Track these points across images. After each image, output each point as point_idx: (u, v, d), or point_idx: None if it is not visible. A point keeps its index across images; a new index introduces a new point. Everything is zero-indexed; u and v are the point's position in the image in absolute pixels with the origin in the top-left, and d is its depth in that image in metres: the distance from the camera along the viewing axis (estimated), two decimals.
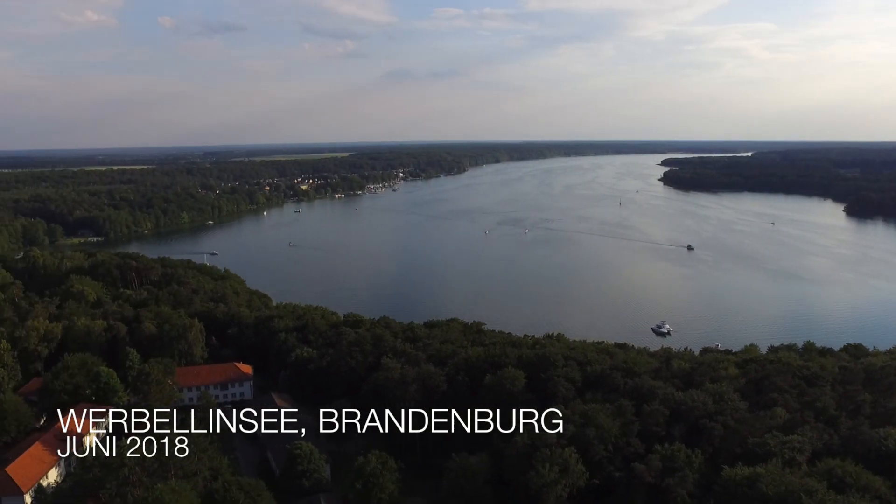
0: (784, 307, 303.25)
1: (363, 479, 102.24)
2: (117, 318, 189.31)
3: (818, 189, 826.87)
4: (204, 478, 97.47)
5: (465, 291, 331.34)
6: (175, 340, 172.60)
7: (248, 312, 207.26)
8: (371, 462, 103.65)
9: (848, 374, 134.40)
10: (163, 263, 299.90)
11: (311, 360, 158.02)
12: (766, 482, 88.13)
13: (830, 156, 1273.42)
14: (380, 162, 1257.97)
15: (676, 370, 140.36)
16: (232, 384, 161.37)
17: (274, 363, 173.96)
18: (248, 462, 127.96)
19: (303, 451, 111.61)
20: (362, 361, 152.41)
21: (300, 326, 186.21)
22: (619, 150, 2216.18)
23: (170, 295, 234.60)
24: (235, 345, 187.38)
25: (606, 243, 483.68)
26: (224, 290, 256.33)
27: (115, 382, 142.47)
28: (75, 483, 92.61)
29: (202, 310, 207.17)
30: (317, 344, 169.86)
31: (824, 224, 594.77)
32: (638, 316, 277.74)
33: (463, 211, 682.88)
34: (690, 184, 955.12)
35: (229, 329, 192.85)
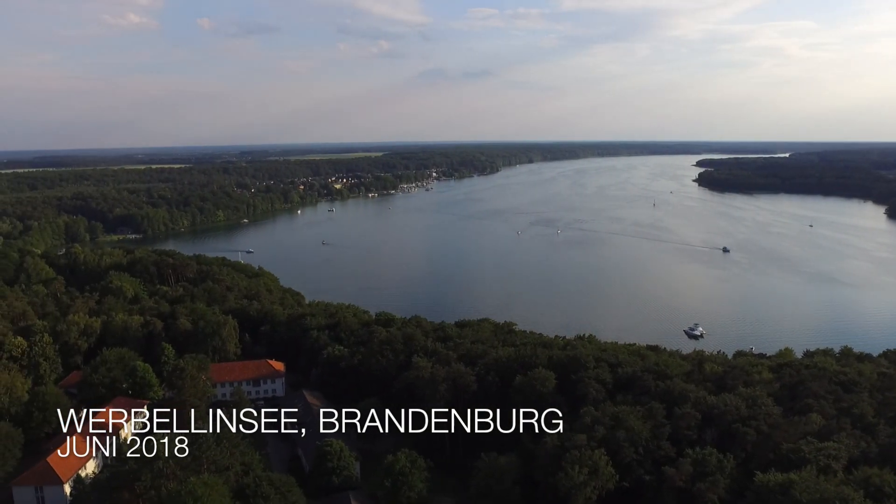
0: (821, 311, 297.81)
1: (392, 477, 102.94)
2: (154, 313, 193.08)
3: (858, 190, 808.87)
4: (236, 472, 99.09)
5: (497, 292, 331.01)
6: (209, 337, 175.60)
7: (281, 310, 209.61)
8: (400, 460, 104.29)
9: (887, 381, 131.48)
10: (198, 261, 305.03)
11: (342, 358, 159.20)
12: (800, 489, 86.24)
13: (871, 156, 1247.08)
14: (413, 162, 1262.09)
15: (709, 373, 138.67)
16: (264, 381, 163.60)
17: (306, 361, 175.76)
18: (280, 458, 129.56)
19: (333, 448, 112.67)
20: (393, 360, 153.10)
21: (332, 324, 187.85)
22: (653, 151, 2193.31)
23: (204, 292, 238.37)
24: (268, 342, 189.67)
25: (640, 244, 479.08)
26: (258, 287, 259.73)
27: (151, 377, 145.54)
28: (112, 475, 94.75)
29: (236, 307, 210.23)
30: (348, 342, 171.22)
31: (864, 226, 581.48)
32: (670, 318, 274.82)
33: (495, 211, 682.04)
34: (725, 185, 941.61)
35: (262, 326, 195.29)
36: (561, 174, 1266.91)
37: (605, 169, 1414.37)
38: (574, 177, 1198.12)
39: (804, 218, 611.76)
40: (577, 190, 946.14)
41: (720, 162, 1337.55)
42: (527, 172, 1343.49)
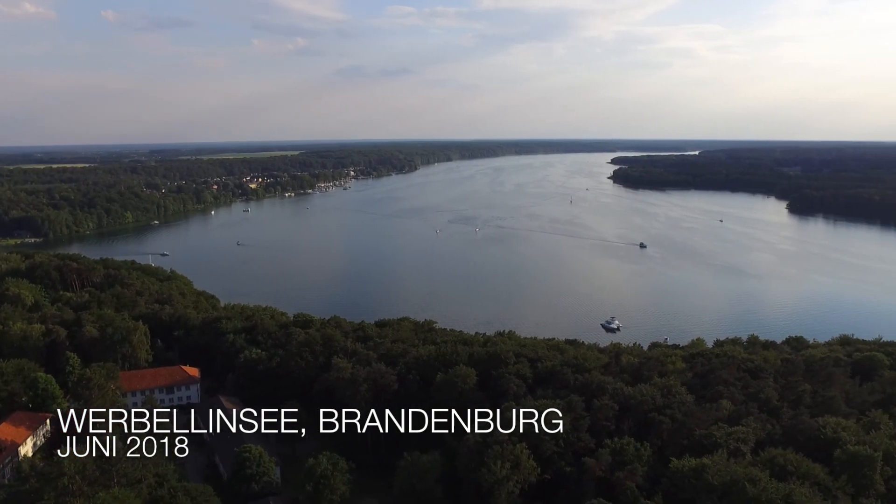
0: (730, 302, 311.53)
1: (314, 480, 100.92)
2: (56, 321, 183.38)
3: (762, 187, 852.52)
4: (149, 485, 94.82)
5: (417, 290, 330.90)
6: (118, 344, 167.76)
7: (195, 314, 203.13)
8: (322, 463, 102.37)
9: (789, 366, 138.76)
10: (105, 265, 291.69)
11: (260, 361, 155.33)
12: (712, 473, 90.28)
13: (774, 154, 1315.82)
14: (330, 160, 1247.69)
15: (626, 365, 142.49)
16: (178, 387, 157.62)
17: (222, 365, 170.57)
18: (196, 467, 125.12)
19: (251, 454, 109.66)
20: (312, 362, 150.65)
21: (249, 327, 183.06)
22: (569, 149, 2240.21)
23: (113, 297, 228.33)
24: (182, 347, 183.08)
25: (558, 241, 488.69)
26: (170, 291, 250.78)
27: (54, 389, 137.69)
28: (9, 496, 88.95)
29: (147, 312, 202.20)
30: (266, 345, 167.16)
31: (768, 221, 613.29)
32: (588, 312, 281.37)
33: (414, 209, 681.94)
34: (639, 182, 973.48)
35: (175, 331, 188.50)
36: (479, 172, 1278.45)
37: (522, 166, 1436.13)
38: (492, 174, 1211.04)
39: (714, 213, 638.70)
40: (496, 188, 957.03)
41: (634, 159, 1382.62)
42: (445, 170, 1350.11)
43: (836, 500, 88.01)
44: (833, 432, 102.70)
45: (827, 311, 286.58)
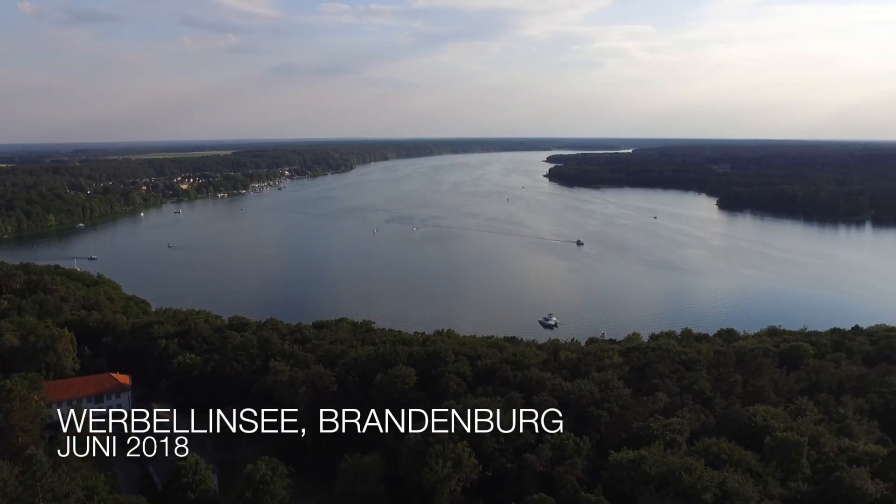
0: (664, 296, 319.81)
1: (253, 486, 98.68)
2: None
3: (693, 184, 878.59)
4: (77, 499, 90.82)
5: (355, 290, 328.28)
6: (41, 352, 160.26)
7: (125, 319, 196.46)
8: (261, 469, 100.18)
9: (721, 358, 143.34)
10: (26, 270, 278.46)
11: (194, 366, 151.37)
12: (650, 463, 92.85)
13: (704, 152, 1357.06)
14: (264, 160, 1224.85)
15: (564, 361, 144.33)
16: (108, 396, 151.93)
17: (154, 372, 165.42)
18: (128, 478, 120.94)
19: (187, 462, 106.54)
20: (249, 366, 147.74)
21: (182, 332, 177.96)
22: (506, 147, 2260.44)
23: (35, 304, 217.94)
24: (111, 354, 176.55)
25: (495, 239, 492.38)
26: (97, 296, 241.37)
27: None
28: None
29: (73, 318, 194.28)
30: (200, 349, 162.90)
31: (700, 217, 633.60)
32: (526, 310, 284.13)
33: (351, 209, 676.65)
34: (575, 180, 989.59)
35: (104, 338, 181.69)
36: (416, 171, 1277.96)
37: (459, 165, 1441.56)
38: (429, 173, 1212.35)
39: (648, 210, 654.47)
40: (433, 186, 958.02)
41: (569, 158, 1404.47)
42: (382, 170, 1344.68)
43: (766, 485, 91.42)
44: (763, 420, 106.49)
45: (755, 304, 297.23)
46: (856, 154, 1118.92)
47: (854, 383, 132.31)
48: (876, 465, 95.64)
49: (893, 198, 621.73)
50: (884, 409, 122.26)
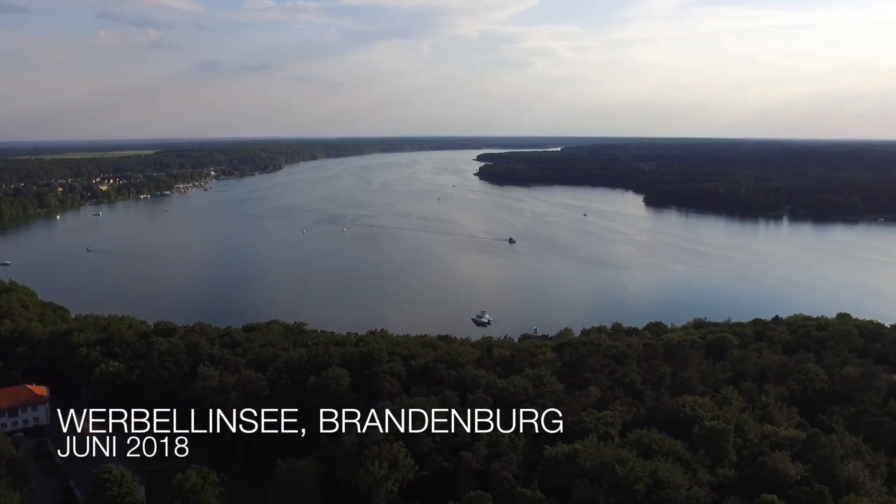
0: (595, 292, 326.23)
1: (183, 496, 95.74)
2: None
3: (621, 181, 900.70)
4: None
5: (285, 292, 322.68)
6: None
7: (41, 327, 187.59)
8: (191, 478, 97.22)
9: (651, 351, 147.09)
10: None
11: (118, 374, 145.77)
12: (584, 457, 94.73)
13: (630, 150, 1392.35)
14: (189, 160, 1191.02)
15: (498, 358, 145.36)
16: (23, 409, 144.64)
17: (74, 382, 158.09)
18: (48, 494, 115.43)
19: (112, 474, 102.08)
20: (176, 372, 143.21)
21: (104, 339, 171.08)
22: (436, 146, 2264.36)
23: None
24: (27, 365, 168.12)
25: (427, 238, 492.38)
26: (10, 304, 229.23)
27: None
28: None
29: None
30: (124, 357, 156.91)
31: (627, 214, 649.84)
32: (460, 308, 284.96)
33: (280, 209, 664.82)
34: (505, 178, 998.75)
35: (18, 348, 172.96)
36: (346, 170, 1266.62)
37: (389, 164, 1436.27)
38: (359, 173, 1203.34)
39: (577, 208, 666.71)
40: (363, 186, 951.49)
41: (499, 156, 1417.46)
42: (311, 169, 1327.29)
43: (695, 473, 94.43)
44: (691, 410, 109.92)
45: (682, 297, 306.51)
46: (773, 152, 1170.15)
47: (775, 371, 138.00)
48: (796, 448, 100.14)
49: (808, 194, 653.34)
50: (802, 395, 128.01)
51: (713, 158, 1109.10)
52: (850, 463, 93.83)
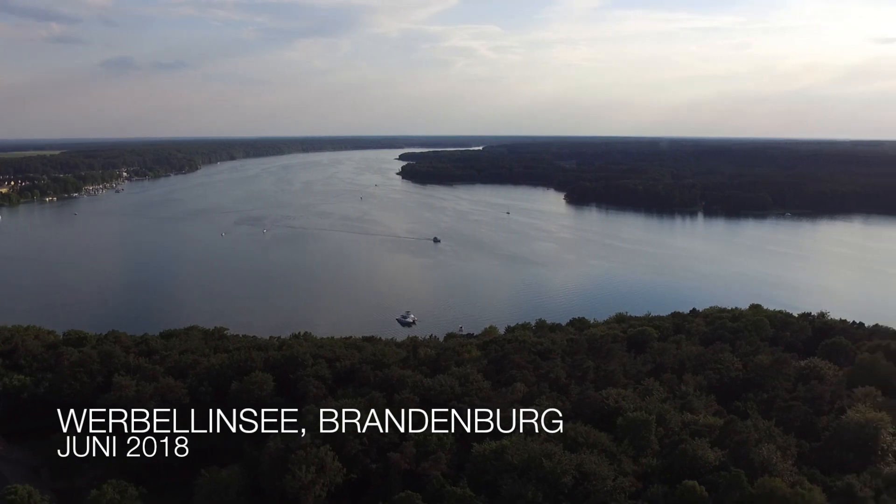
0: (518, 289, 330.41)
1: None
2: None
3: (542, 179, 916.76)
4: None
5: (205, 297, 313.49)
6: None
7: None
8: (107, 493, 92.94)
9: (574, 346, 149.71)
10: None
11: (23, 388, 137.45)
12: (511, 452, 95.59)
13: (551, 149, 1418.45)
14: (99, 160, 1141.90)
15: (423, 358, 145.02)
16: None
17: None
18: None
19: (18, 495, 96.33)
20: (89, 383, 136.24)
21: (7, 351, 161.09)
22: (358, 146, 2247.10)
23: None
24: None
25: (349, 238, 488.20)
26: None
27: None
28: None
29: None
30: (31, 369, 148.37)
31: (549, 211, 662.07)
32: (384, 308, 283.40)
33: (197, 211, 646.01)
34: (427, 177, 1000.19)
35: None
36: (266, 170, 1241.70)
37: (310, 164, 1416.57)
38: (279, 173, 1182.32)
39: (500, 206, 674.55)
40: (283, 186, 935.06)
41: (421, 155, 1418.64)
42: (229, 170, 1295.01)
43: (620, 463, 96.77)
44: (615, 402, 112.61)
45: (604, 292, 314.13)
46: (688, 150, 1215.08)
47: (693, 362, 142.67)
48: (714, 435, 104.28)
49: (721, 190, 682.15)
50: (719, 383, 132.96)
51: (631, 156, 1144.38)
52: (763, 446, 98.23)
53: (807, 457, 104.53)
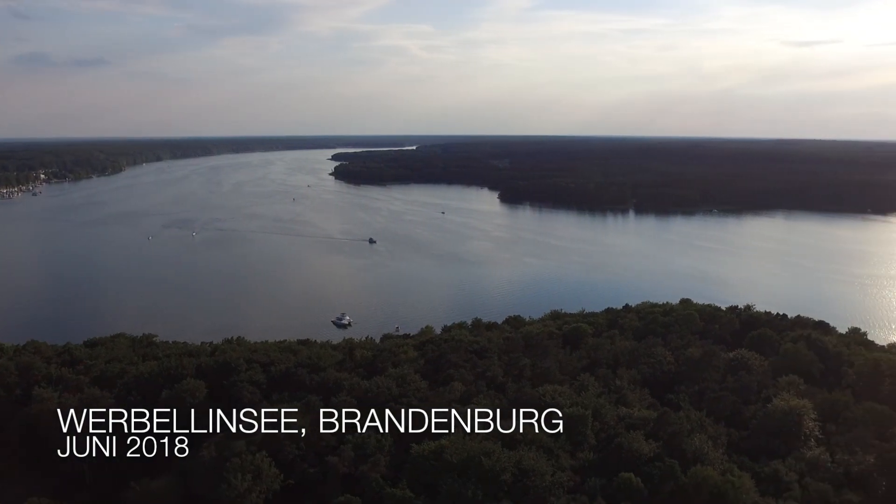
0: (454, 288, 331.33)
1: None
2: None
3: (476, 179, 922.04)
4: None
5: (132, 303, 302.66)
6: None
7: None
8: None
9: (511, 344, 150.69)
10: None
11: None
12: (451, 452, 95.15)
13: (484, 148, 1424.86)
14: (13, 162, 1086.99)
15: (360, 359, 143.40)
16: None
17: None
18: None
19: None
20: (6, 397, 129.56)
21: None
22: (290, 146, 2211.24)
23: None
24: None
25: (283, 241, 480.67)
26: None
27: None
28: None
29: None
30: None
31: (483, 210, 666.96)
32: (319, 310, 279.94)
33: (122, 214, 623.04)
34: (361, 177, 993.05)
35: None
36: (194, 172, 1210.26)
37: (241, 165, 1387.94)
38: (208, 174, 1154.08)
39: (434, 206, 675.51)
40: (213, 188, 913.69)
41: (354, 155, 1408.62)
42: (156, 171, 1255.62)
43: (558, 459, 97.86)
44: (551, 399, 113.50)
45: (539, 290, 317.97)
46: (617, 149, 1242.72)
47: (627, 357, 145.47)
48: (648, 427, 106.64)
49: (651, 188, 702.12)
50: (652, 377, 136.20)
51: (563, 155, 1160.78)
52: (695, 436, 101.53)
53: (736, 445, 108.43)
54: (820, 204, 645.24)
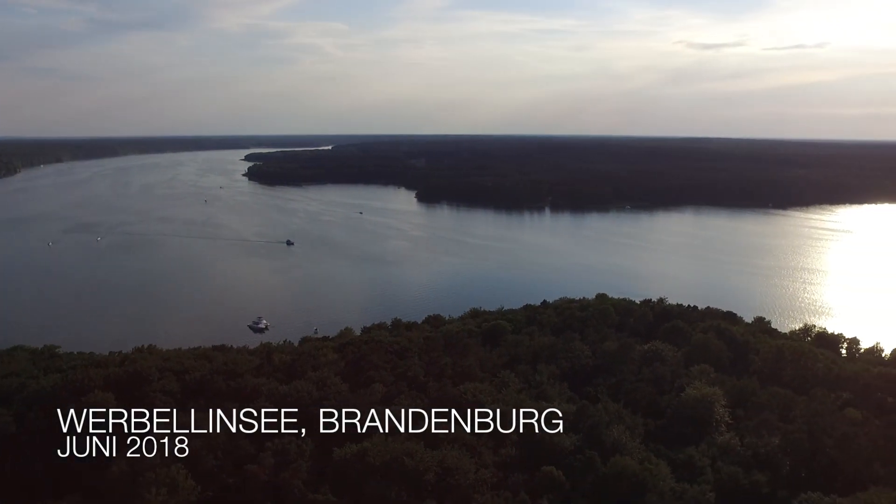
0: (373, 289, 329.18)
1: None
2: None
3: (393, 178, 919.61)
4: None
5: (30, 313, 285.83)
6: None
7: None
8: None
9: (431, 343, 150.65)
10: None
11: None
12: (373, 454, 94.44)
13: (402, 147, 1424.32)
14: None
15: (278, 364, 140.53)
16: None
17: None
18: None
19: None
20: None
21: None
22: (201, 146, 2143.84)
23: None
24: None
25: (195, 244, 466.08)
26: None
27: None
28: None
29: None
30: None
31: (401, 210, 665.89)
32: (234, 315, 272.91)
33: (18, 219, 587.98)
34: (276, 178, 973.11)
35: None
36: (99, 174, 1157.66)
37: (149, 166, 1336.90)
38: (115, 176, 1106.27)
39: (351, 206, 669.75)
40: (120, 190, 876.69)
41: (268, 155, 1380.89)
42: (56, 173, 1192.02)
43: (481, 456, 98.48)
44: (473, 397, 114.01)
45: (458, 289, 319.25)
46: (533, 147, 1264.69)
47: (546, 352, 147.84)
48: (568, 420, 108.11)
49: (567, 185, 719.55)
50: (571, 371, 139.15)
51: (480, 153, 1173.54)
52: (614, 428, 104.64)
53: (652, 434, 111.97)
54: (726, 199, 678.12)
